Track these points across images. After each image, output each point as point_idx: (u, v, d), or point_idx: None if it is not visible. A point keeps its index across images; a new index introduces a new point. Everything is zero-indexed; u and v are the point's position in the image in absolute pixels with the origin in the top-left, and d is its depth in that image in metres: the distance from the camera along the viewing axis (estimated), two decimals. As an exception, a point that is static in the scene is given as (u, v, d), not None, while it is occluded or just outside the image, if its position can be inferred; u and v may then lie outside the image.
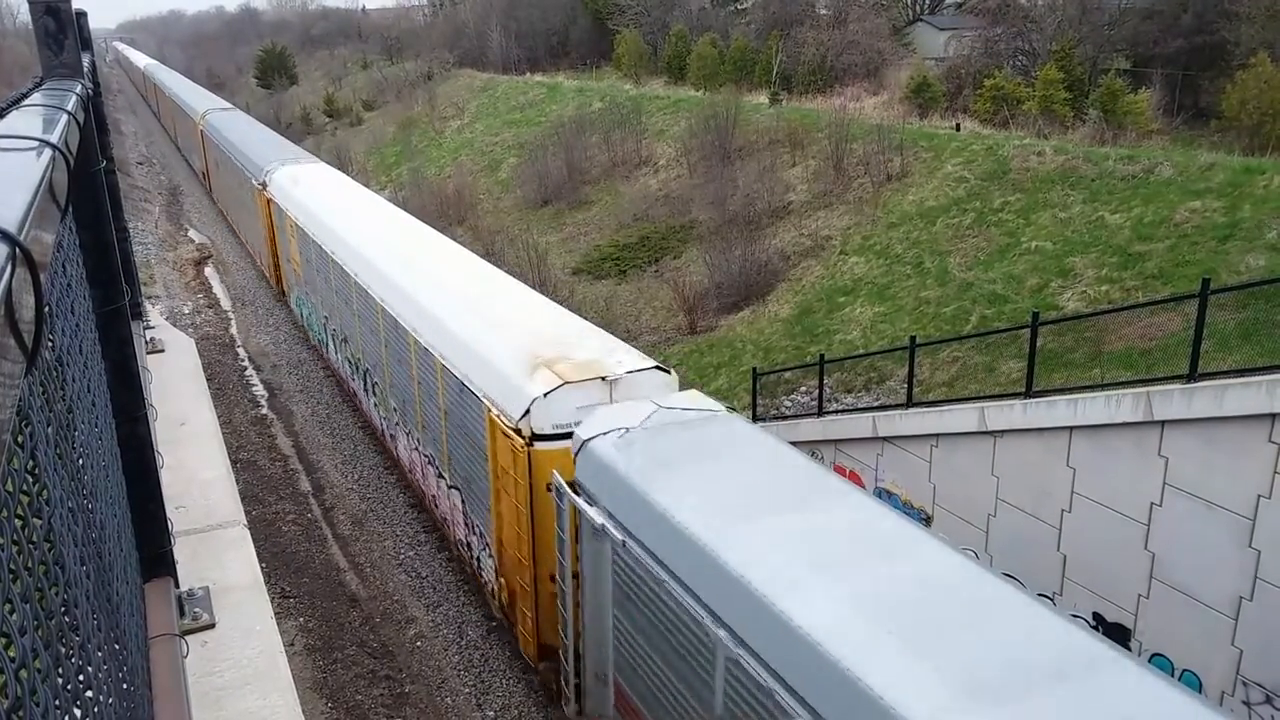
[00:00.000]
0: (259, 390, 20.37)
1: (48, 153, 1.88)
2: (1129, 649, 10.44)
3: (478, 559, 12.14)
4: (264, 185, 23.40)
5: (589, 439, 8.65)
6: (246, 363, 21.99)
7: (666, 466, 8.01)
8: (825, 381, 16.43)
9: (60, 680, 1.46)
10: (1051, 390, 11.99)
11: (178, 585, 3.81)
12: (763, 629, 6.06)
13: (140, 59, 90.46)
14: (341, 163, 42.67)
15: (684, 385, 10.76)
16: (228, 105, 41.12)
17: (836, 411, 16.51)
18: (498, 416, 10.41)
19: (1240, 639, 9.52)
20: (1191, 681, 9.93)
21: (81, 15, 5.48)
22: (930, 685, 5.30)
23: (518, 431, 9.92)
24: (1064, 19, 37.65)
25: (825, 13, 47.19)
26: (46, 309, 1.38)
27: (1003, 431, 11.89)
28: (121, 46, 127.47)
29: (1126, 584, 10.55)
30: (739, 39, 47.64)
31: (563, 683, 9.62)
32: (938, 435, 12.87)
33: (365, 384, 16.82)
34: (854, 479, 14.28)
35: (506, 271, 15.92)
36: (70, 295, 2.52)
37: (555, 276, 28.95)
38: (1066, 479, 11.14)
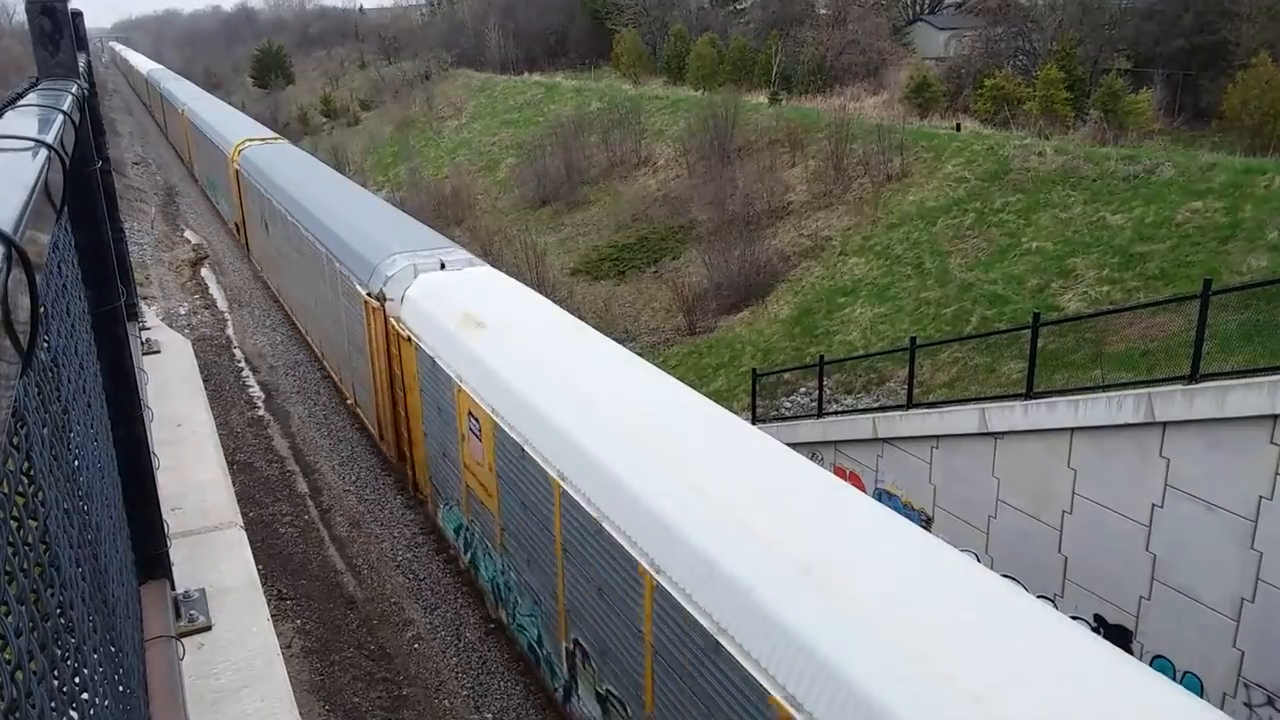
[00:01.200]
0: (256, 391, 20.35)
1: (43, 153, 1.87)
2: (1130, 651, 10.43)
3: None
4: (381, 299, 13.94)
5: None
6: (243, 364, 21.96)
7: None
8: (825, 382, 16.42)
9: (56, 683, 1.45)
10: (1052, 391, 11.98)
11: (174, 587, 3.79)
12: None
13: (143, 63, 77.92)
14: (339, 163, 42.68)
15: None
16: (271, 134, 30.53)
17: (836, 413, 16.50)
18: None
19: (1242, 640, 9.51)
20: (1193, 683, 9.92)
21: (77, 15, 5.45)
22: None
23: None
24: (1065, 18, 37.69)
25: (825, 12, 47.25)
26: (42, 310, 1.36)
27: (1003, 433, 11.88)
28: (119, 47, 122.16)
29: (1128, 586, 10.54)
30: (738, 38, 47.66)
31: None
32: (938, 437, 12.87)
33: None
34: (854, 480, 14.27)
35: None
36: (66, 296, 2.50)
37: (554, 277, 28.95)
38: (1068, 480, 11.13)
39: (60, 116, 2.45)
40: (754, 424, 12.34)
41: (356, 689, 11.39)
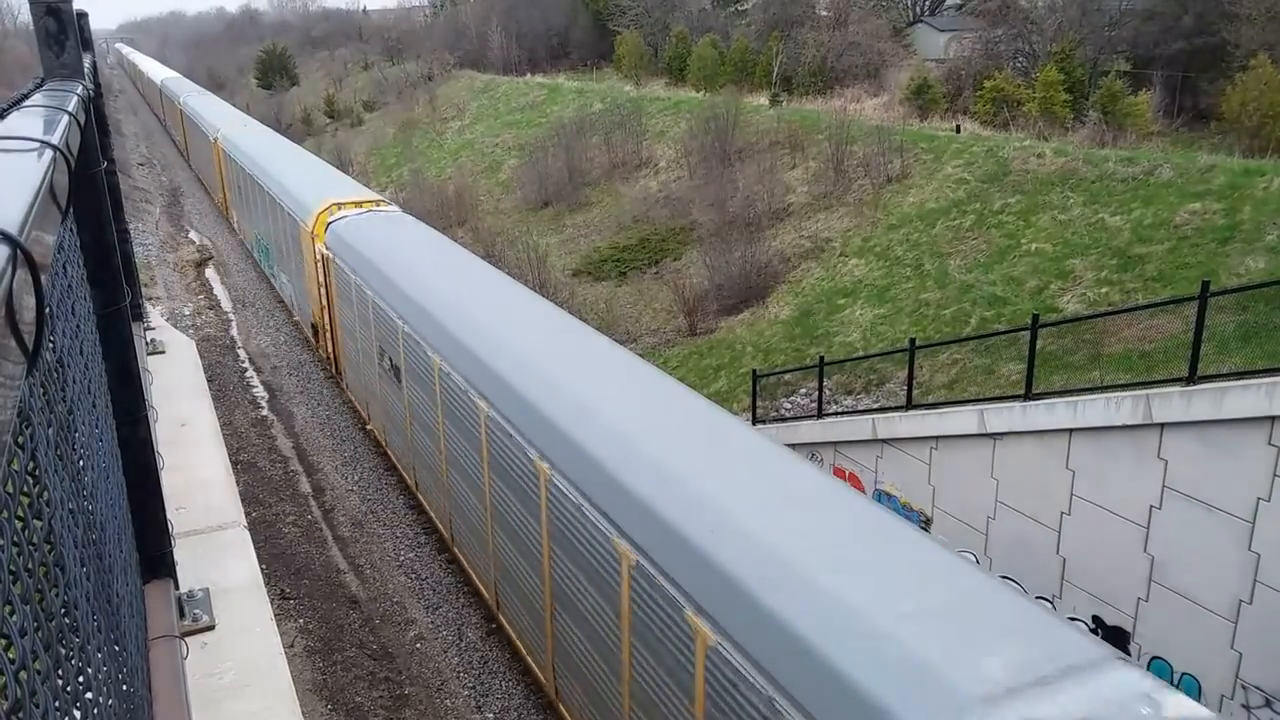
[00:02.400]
0: (259, 392, 20.37)
1: (49, 154, 1.88)
2: (1128, 652, 10.44)
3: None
4: None
5: None
6: (247, 364, 21.98)
7: None
8: (825, 383, 16.43)
9: (60, 682, 1.46)
10: (1051, 392, 12.00)
11: (178, 586, 3.81)
12: None
13: (154, 69, 68.63)
14: (342, 164, 42.67)
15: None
16: (368, 194, 19.32)
17: (836, 413, 16.51)
18: None
19: (1240, 642, 9.52)
20: (1191, 685, 9.93)
21: (83, 16, 5.47)
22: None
23: None
24: (1064, 20, 37.66)
25: (825, 14, 47.23)
26: (47, 310, 1.38)
27: (1002, 434, 11.89)
28: (126, 50, 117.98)
29: (1126, 587, 10.55)
30: (739, 40, 47.67)
31: None
32: (937, 437, 12.87)
33: None
34: (853, 481, 14.29)
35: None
36: (71, 296, 2.52)
37: (555, 278, 28.97)
38: (1066, 481, 11.14)
39: (65, 117, 2.47)
40: (754, 424, 12.30)
41: (359, 688, 11.41)
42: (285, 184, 21.52)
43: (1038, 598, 11.19)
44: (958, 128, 30.16)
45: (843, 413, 16.82)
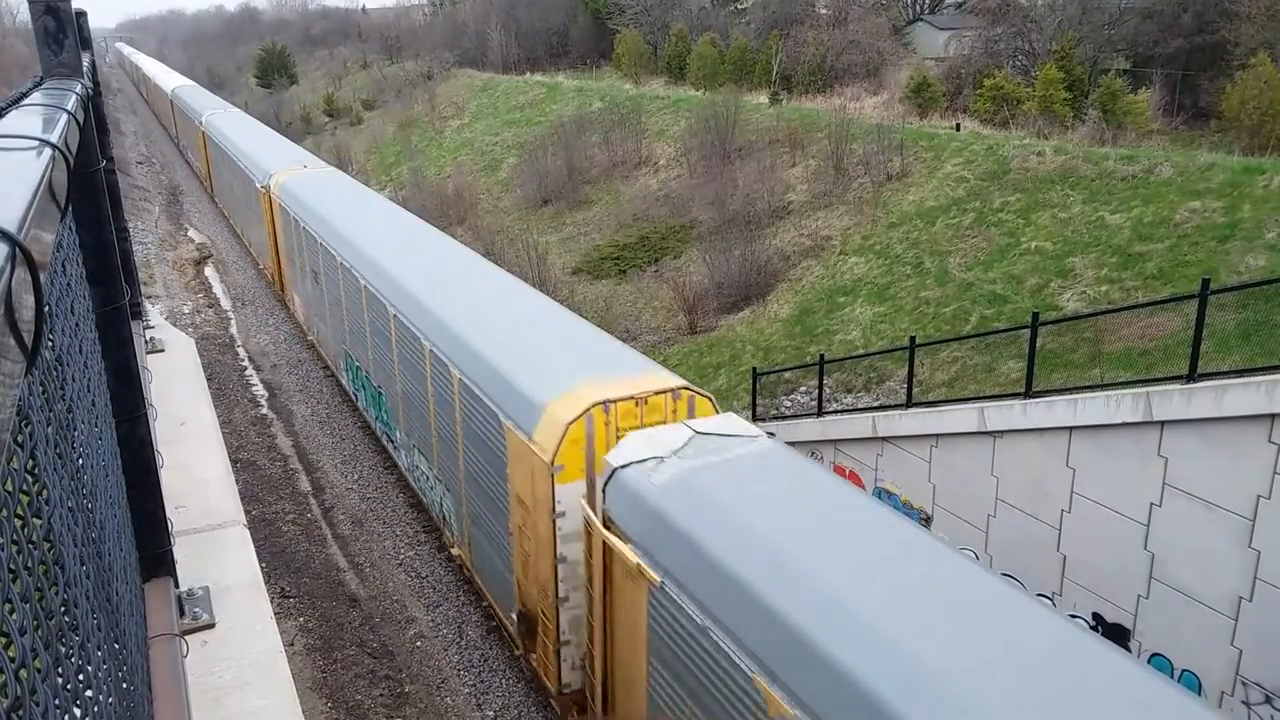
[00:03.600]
0: (259, 390, 20.36)
1: (48, 152, 1.88)
2: (1129, 649, 10.44)
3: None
4: None
5: None
6: (246, 362, 21.98)
7: None
8: (825, 381, 16.42)
9: (60, 680, 1.45)
10: (1051, 390, 11.99)
11: (177, 585, 3.81)
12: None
13: (165, 76, 57.80)
14: (341, 162, 42.63)
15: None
16: (667, 379, 9.57)
17: (836, 411, 16.51)
18: None
19: (1240, 639, 9.52)
20: (1191, 682, 9.93)
21: (81, 15, 5.47)
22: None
23: None
24: (1064, 19, 37.65)
25: (825, 12, 47.22)
26: (46, 309, 1.38)
27: (1002, 432, 11.89)
28: (127, 50, 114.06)
29: (1126, 584, 10.55)
30: (739, 39, 47.65)
31: None
32: (937, 435, 12.87)
33: None
34: (853, 479, 14.29)
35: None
36: (70, 295, 2.52)
37: (555, 276, 28.96)
38: (1066, 479, 11.14)
39: (64, 116, 2.46)
40: (754, 422, 12.29)
41: (359, 686, 11.42)
42: (451, 327, 11.85)
43: (1038, 595, 11.19)
44: (957, 126, 30.15)
45: (843, 411, 16.82)
